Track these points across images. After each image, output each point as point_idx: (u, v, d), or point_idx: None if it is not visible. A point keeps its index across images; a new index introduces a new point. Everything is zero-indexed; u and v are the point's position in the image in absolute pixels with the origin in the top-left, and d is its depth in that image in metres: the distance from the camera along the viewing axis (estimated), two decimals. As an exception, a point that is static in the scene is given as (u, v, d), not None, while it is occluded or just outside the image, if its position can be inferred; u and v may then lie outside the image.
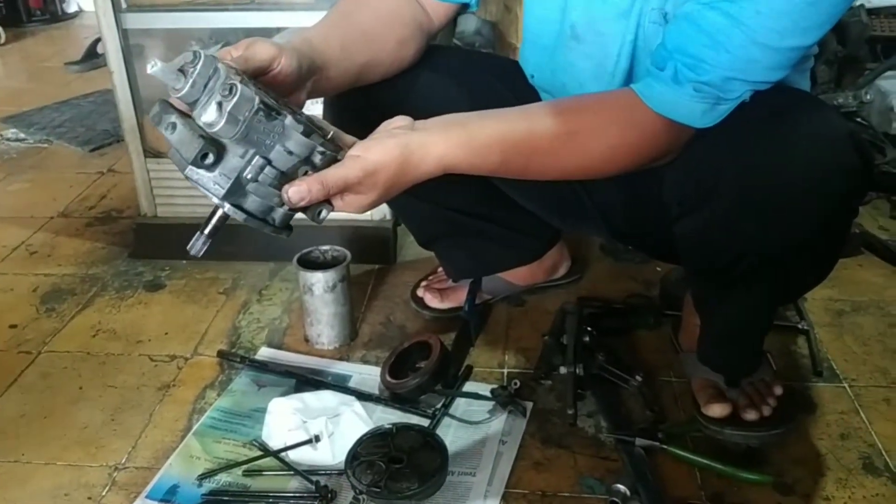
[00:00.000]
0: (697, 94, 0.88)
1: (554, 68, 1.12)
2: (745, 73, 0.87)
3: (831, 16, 0.85)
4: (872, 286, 1.60)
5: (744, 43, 0.85)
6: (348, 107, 1.15)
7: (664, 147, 0.95)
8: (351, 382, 1.35)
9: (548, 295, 1.58)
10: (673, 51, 0.89)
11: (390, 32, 1.10)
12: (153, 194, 1.75)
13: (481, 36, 2.28)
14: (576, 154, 0.95)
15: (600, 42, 1.02)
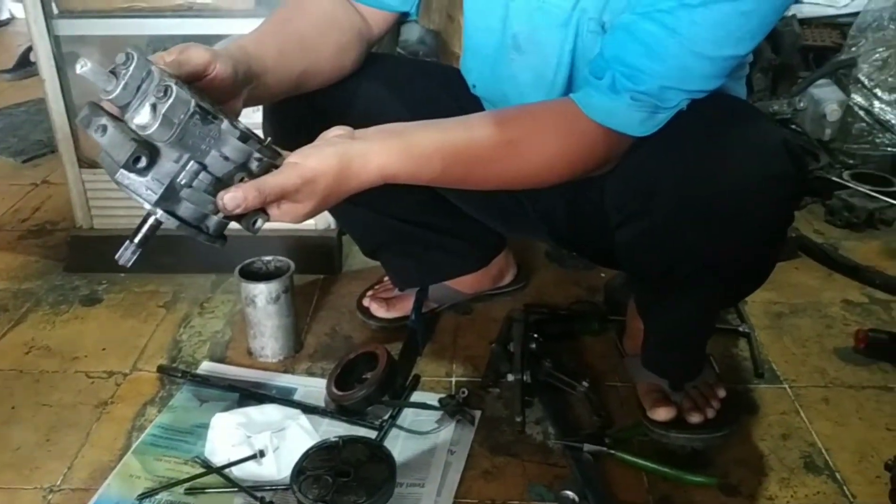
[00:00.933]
0: (635, 102, 0.89)
1: (495, 78, 1.12)
2: (682, 82, 0.88)
3: (764, 25, 0.87)
4: (809, 289, 1.64)
5: (679, 52, 0.86)
6: (287, 115, 1.14)
7: (603, 156, 0.96)
8: (296, 395, 1.32)
9: (494, 303, 1.57)
10: (610, 60, 0.90)
11: (329, 39, 1.09)
12: (89, 206, 1.70)
13: (424, 45, 2.28)
14: (515, 163, 0.95)
15: (540, 52, 1.03)
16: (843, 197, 1.92)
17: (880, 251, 1.80)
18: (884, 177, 2.01)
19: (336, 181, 0.85)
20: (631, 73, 0.88)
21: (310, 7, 1.10)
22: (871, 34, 2.13)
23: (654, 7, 0.86)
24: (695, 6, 0.83)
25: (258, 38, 1.01)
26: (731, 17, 0.84)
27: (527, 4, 1.01)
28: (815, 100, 2.10)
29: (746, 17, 0.85)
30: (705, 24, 0.84)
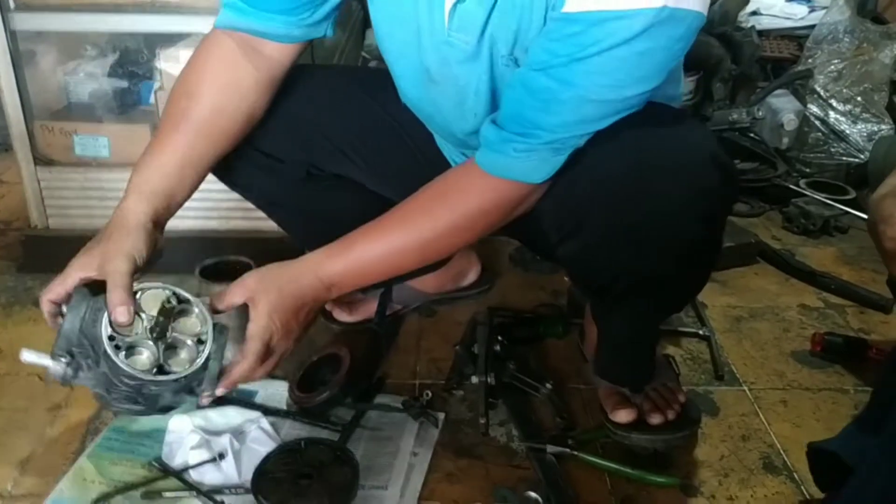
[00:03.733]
0: (525, 153, 0.91)
1: (420, 101, 1.13)
2: (579, 128, 0.90)
3: (670, 56, 0.86)
4: (767, 293, 1.67)
5: (576, 104, 0.87)
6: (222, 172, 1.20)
7: (512, 204, 0.98)
8: (257, 398, 1.30)
9: (458, 306, 1.57)
10: (507, 118, 0.92)
11: (233, 115, 1.08)
12: (44, 205, 1.65)
13: (390, 49, 2.28)
14: (439, 233, 1.00)
15: (455, 84, 1.02)
16: (800, 204, 1.96)
17: (835, 257, 1.84)
18: (839, 185, 2.06)
19: (282, 303, 0.99)
20: (526, 129, 0.90)
21: (207, 87, 1.06)
22: (827, 46, 2.19)
23: (549, 62, 0.86)
24: (587, 57, 0.83)
25: (157, 161, 1.03)
26: (627, 59, 0.83)
27: (433, 39, 1.00)
28: (772, 109, 2.14)
29: (646, 56, 0.83)
30: (601, 71, 0.84)
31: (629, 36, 0.81)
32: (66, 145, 1.63)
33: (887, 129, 2.11)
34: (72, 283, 0.94)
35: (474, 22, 0.94)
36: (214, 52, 1.08)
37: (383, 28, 1.08)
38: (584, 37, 0.82)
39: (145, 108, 1.69)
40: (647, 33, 0.81)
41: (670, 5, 0.79)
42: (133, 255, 0.94)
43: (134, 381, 0.91)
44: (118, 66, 1.73)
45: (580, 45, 0.83)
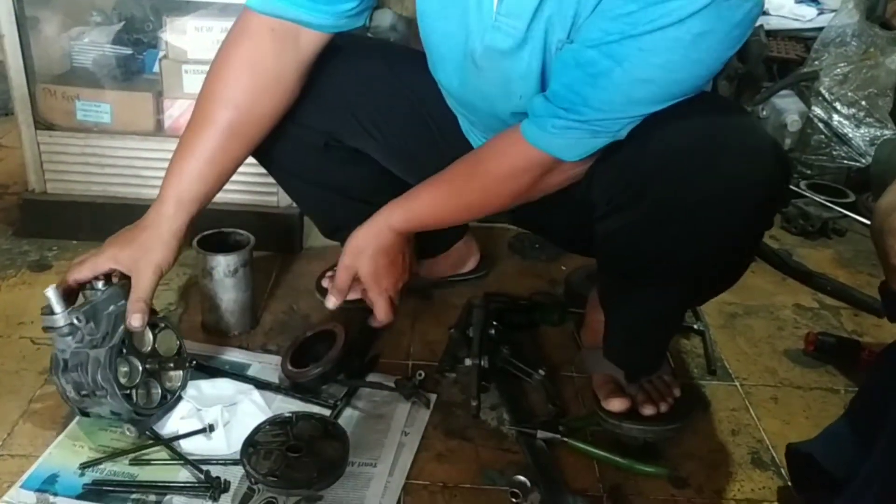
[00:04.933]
0: (567, 130, 0.92)
1: (462, 88, 1.12)
2: (625, 109, 0.89)
3: (728, 43, 0.85)
4: (763, 292, 1.67)
5: (625, 81, 0.86)
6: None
7: (544, 172, 1.01)
8: (250, 371, 1.30)
9: (454, 289, 1.57)
10: (556, 91, 0.92)
11: (268, 102, 1.12)
12: (43, 169, 1.65)
13: (396, 31, 2.27)
14: (479, 184, 1.07)
15: (501, 70, 1.02)
16: (800, 205, 1.96)
17: (832, 259, 1.84)
18: (839, 188, 2.06)
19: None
20: (573, 104, 0.90)
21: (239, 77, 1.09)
22: (834, 49, 2.18)
23: (602, 39, 0.86)
24: (641, 34, 0.83)
25: (188, 161, 1.09)
26: (681, 40, 0.82)
27: (481, 22, 0.99)
28: (777, 110, 2.14)
29: (702, 38, 0.83)
30: (653, 50, 0.83)
31: (685, 15, 0.80)
32: (68, 110, 1.62)
33: (890, 134, 2.11)
34: (101, 270, 1.07)
35: (525, 7, 0.94)
36: (247, 44, 1.09)
37: (431, 11, 1.07)
38: (640, 14, 0.82)
39: (149, 77, 1.68)
40: (705, 13, 0.80)
41: None
42: (161, 268, 1.08)
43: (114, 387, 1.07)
44: (123, 33, 1.71)
45: (635, 23, 0.83)
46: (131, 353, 1.11)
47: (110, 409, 1.09)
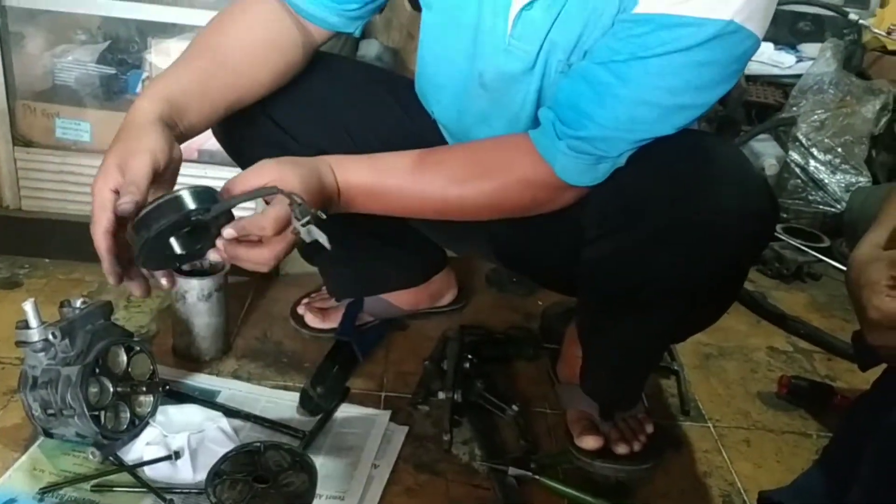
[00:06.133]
0: (572, 152, 0.91)
1: (459, 111, 1.12)
2: (629, 131, 0.90)
3: (726, 76, 0.87)
4: (737, 333, 1.68)
5: (630, 101, 0.87)
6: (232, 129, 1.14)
7: (549, 191, 0.97)
8: (220, 398, 1.28)
9: (430, 321, 1.56)
10: (561, 105, 0.92)
11: (264, 65, 1.06)
12: (19, 185, 1.63)
13: (382, 61, 2.28)
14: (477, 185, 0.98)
15: (507, 90, 1.03)
16: (776, 249, 1.98)
17: (806, 303, 1.86)
18: (814, 233, 2.08)
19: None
20: (577, 119, 0.90)
21: (242, 30, 1.05)
22: (812, 96, 2.22)
23: (610, 58, 0.87)
24: (648, 57, 0.85)
25: (180, 77, 0.99)
26: (689, 66, 0.85)
27: (493, 45, 1.00)
28: (755, 153, 2.17)
29: (706, 67, 0.85)
30: (660, 73, 0.85)
31: (693, 43, 0.83)
32: (48, 127, 1.61)
33: (865, 181, 2.14)
34: (110, 205, 0.84)
35: (538, 30, 0.95)
36: (255, 5, 1.07)
37: (435, 31, 1.08)
38: (650, 38, 0.84)
39: (131, 97, 1.67)
40: (711, 45, 0.83)
41: (738, 20, 0.82)
42: (153, 151, 0.87)
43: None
44: (108, 53, 1.71)
45: (644, 46, 0.85)
46: (104, 374, 1.09)
47: (76, 431, 1.07)
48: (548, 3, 0.93)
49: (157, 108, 0.93)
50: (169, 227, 0.82)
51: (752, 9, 0.83)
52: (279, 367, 1.39)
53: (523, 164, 0.96)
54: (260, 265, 0.86)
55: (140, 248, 0.83)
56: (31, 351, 1.05)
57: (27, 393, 1.06)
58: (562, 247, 1.07)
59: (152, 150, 0.87)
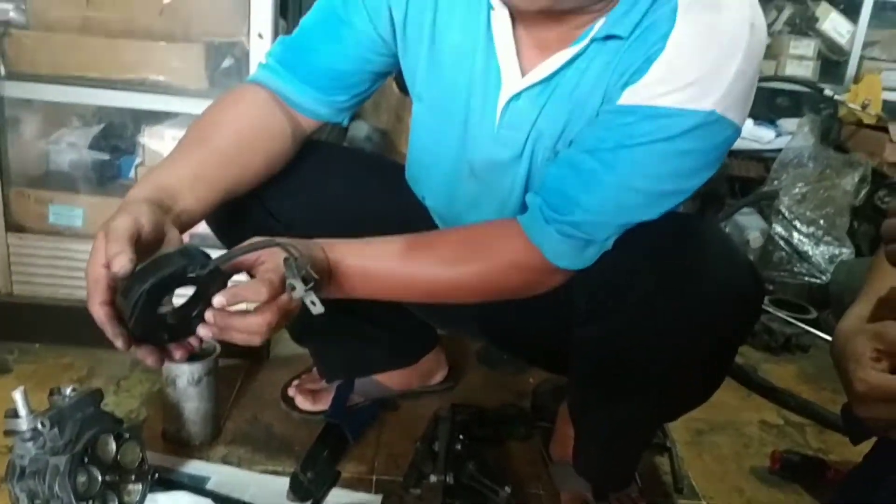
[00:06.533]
0: (562, 236, 0.94)
1: (450, 197, 1.14)
2: (615, 216, 0.92)
3: (709, 163, 0.91)
4: (729, 408, 1.68)
5: (615, 187, 0.90)
6: (223, 217, 1.14)
7: (539, 275, 0.99)
8: (209, 484, 1.27)
9: (421, 400, 1.56)
10: (548, 190, 0.95)
11: (256, 152, 1.07)
12: (10, 270, 1.63)
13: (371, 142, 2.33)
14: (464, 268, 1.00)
15: (497, 177, 1.06)
16: (764, 321, 2.00)
17: (796, 375, 1.86)
18: (801, 304, 2.10)
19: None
20: (565, 204, 0.92)
21: (233, 120, 1.07)
22: (792, 170, 2.28)
23: (596, 146, 0.91)
24: (632, 146, 0.88)
25: (172, 168, 0.99)
26: (672, 154, 0.88)
27: (483, 135, 1.03)
28: (739, 227, 2.21)
29: (689, 156, 0.89)
30: (645, 161, 0.88)
31: (677, 133, 0.86)
32: (41, 213, 1.63)
33: (848, 252, 2.18)
34: (103, 279, 0.83)
35: (525, 119, 0.99)
36: (246, 95, 1.09)
37: (426, 122, 1.11)
38: (635, 128, 0.88)
39: (124, 182, 1.70)
40: (693, 134, 0.86)
41: (718, 111, 0.86)
42: (134, 213, 0.85)
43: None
44: (101, 139, 1.75)
45: (629, 135, 0.88)
46: (92, 463, 1.08)
47: None
48: (534, 94, 0.97)
49: (146, 194, 0.93)
50: (162, 282, 0.81)
51: (731, 100, 0.87)
52: (269, 451, 1.38)
53: (513, 248, 0.98)
54: (253, 336, 0.86)
55: (132, 307, 0.81)
56: (20, 440, 1.04)
57: (14, 483, 1.05)
58: (551, 326, 1.09)
59: (134, 213, 0.86)
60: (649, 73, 0.87)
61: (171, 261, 0.83)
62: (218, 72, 1.56)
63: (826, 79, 2.88)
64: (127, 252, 0.81)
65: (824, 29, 2.90)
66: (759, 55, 0.89)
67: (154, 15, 1.54)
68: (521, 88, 0.97)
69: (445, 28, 1.00)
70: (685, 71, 0.85)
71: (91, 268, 0.85)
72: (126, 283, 0.82)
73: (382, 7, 1.02)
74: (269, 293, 0.84)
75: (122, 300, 0.83)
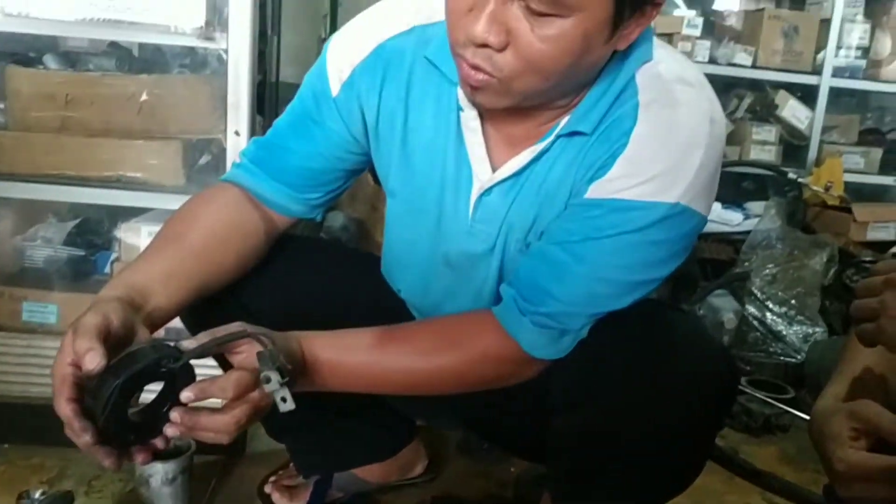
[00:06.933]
0: (536, 327, 0.95)
1: (425, 289, 1.15)
2: (587, 306, 0.94)
3: (678, 252, 0.93)
4: (713, 492, 1.66)
5: (586, 279, 0.92)
6: (197, 314, 1.11)
7: (515, 365, 0.99)
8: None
9: (401, 494, 1.53)
10: (522, 281, 0.96)
11: (229, 250, 1.06)
12: (-19, 370, 1.61)
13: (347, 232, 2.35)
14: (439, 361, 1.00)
15: (471, 269, 1.07)
16: (742, 402, 2.00)
17: (777, 456, 1.85)
18: (778, 384, 2.11)
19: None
20: (538, 295, 0.94)
21: (206, 218, 1.06)
22: (762, 252, 2.33)
23: (566, 238, 0.93)
24: (601, 238, 0.90)
25: (144, 266, 0.99)
26: (640, 245, 0.90)
27: (457, 228, 1.05)
28: (713, 308, 2.24)
29: (656, 246, 0.91)
30: (614, 252, 0.90)
31: (644, 224, 0.89)
32: (15, 311, 1.61)
33: (821, 331, 2.20)
34: (70, 377, 0.82)
35: (496, 213, 1.01)
36: (220, 193, 1.10)
37: (401, 217, 1.12)
38: (603, 220, 0.90)
39: (100, 278, 1.70)
40: (660, 225, 0.89)
41: (683, 202, 0.88)
42: (103, 310, 0.85)
43: None
44: (77, 235, 1.75)
45: (597, 227, 0.90)
46: None
47: None
48: (505, 188, 0.99)
49: (118, 293, 0.92)
50: (135, 377, 0.80)
51: (696, 191, 0.90)
52: (245, 551, 1.34)
53: (489, 339, 0.99)
54: (221, 434, 0.84)
55: (104, 403, 0.79)
56: None
57: None
58: (530, 415, 1.08)
59: (104, 310, 0.85)
60: (614, 169, 0.90)
61: (143, 355, 0.82)
62: (195, 168, 1.59)
63: (789, 162, 2.99)
64: (98, 348, 0.80)
65: (784, 115, 3.03)
66: (720, 147, 0.93)
67: (132, 113, 1.57)
68: (492, 183, 0.99)
69: (416, 127, 1.03)
70: (649, 165, 0.88)
71: (58, 365, 0.84)
72: (97, 379, 0.81)
73: (354, 107, 1.05)
74: (237, 391, 0.83)
75: (92, 398, 0.82)
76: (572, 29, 0.79)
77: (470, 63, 0.84)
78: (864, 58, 3.08)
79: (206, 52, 1.57)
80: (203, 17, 1.46)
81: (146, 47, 1.71)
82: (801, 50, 3.00)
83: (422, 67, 1.00)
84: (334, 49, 1.05)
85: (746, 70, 2.98)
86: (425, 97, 1.01)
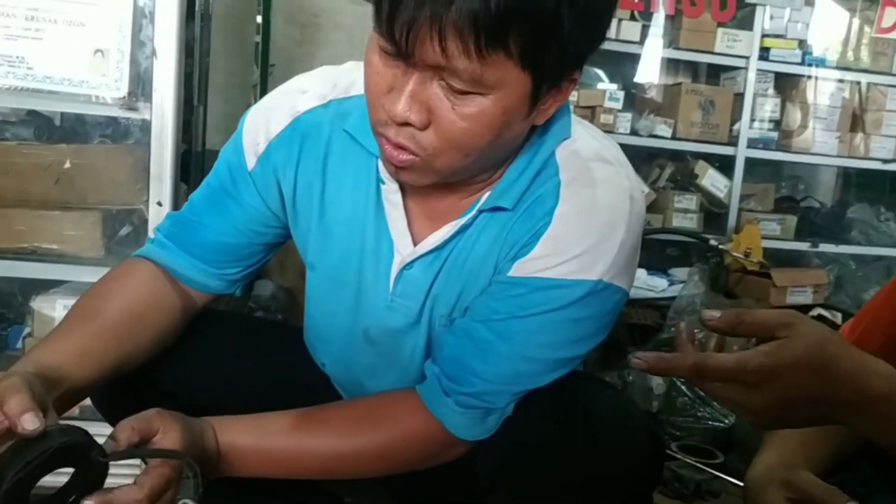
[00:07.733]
0: (460, 408, 0.93)
1: (347, 364, 1.12)
2: (512, 384, 0.93)
3: (602, 327, 0.93)
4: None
5: (511, 357, 0.91)
6: (111, 396, 1.08)
7: (440, 446, 0.98)
8: None
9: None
10: (446, 360, 0.95)
11: (146, 326, 1.02)
12: None
13: (276, 301, 2.31)
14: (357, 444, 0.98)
15: (394, 344, 1.05)
16: (673, 468, 2.00)
17: (710, 523, 1.86)
18: (708, 449, 2.13)
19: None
20: (462, 374, 0.93)
21: (123, 293, 1.03)
22: (687, 317, 2.37)
23: (490, 316, 0.93)
24: (525, 316, 0.90)
25: (57, 343, 0.94)
26: (565, 323, 0.90)
27: (376, 303, 1.03)
28: (642, 374, 2.26)
29: (581, 323, 0.91)
30: (538, 331, 0.90)
31: (568, 302, 0.88)
32: (-86, 391, 1.51)
33: (746, 396, 2.24)
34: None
35: (419, 287, 0.99)
36: (136, 269, 1.06)
37: (320, 290, 1.09)
38: (526, 299, 0.89)
39: (11, 353, 1.63)
40: (583, 302, 0.89)
41: (606, 279, 0.89)
42: (25, 378, 0.80)
43: None
44: (-12, 312, 1.68)
45: (521, 306, 0.90)
46: None
47: None
48: (427, 262, 0.98)
49: (30, 370, 0.86)
50: (43, 462, 0.75)
51: (618, 267, 0.90)
52: None
53: (412, 420, 0.97)
54: None
55: (10, 480, 0.74)
56: None
57: None
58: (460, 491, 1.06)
59: (22, 377, 0.80)
60: (538, 247, 0.90)
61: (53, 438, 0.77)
62: (115, 240, 1.55)
63: (710, 230, 3.09)
64: (36, 409, 0.75)
65: (704, 184, 3.14)
66: (640, 223, 0.94)
67: (49, 184, 1.53)
68: (414, 257, 0.98)
69: (335, 199, 1.02)
70: (572, 244, 0.89)
71: None
72: (9, 451, 0.75)
73: (271, 181, 1.02)
74: (150, 502, 0.80)
75: None
76: (492, 106, 0.80)
77: (393, 142, 0.84)
78: (777, 129, 3.23)
79: (128, 121, 1.54)
80: (126, 87, 1.44)
81: (68, 116, 1.67)
82: (717, 122, 3.13)
83: (340, 140, 1.00)
84: (250, 122, 1.04)
85: (667, 141, 3.10)
86: (344, 170, 1.01)
